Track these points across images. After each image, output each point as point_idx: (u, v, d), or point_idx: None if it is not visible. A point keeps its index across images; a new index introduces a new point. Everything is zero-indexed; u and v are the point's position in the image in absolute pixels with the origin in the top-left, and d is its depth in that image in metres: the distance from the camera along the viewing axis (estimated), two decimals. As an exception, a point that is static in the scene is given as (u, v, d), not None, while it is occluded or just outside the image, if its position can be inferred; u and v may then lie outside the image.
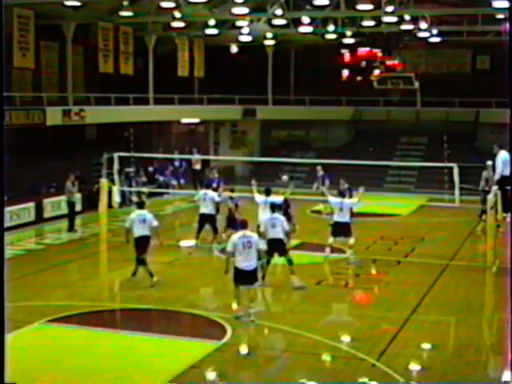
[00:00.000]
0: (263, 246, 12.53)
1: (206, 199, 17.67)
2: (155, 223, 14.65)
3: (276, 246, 13.97)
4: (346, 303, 14.02)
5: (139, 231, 14.34)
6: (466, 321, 12.31)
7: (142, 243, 14.36)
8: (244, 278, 11.83)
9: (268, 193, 16.35)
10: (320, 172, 22.90)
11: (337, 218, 16.03)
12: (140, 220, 14.45)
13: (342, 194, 16.66)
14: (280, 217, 14.15)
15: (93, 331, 11.54)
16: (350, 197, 18.10)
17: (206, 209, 17.64)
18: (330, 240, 16.09)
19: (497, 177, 16.21)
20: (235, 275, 11.89)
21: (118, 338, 11.30)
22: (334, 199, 16.43)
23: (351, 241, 16.07)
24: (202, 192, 18.20)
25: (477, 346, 11.07)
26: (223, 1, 28.05)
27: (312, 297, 13.90)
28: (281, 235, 13.92)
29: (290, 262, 14.07)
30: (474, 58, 34.85)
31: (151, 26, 29.80)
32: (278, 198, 16.53)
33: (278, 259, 14.41)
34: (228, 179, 30.19)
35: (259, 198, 16.39)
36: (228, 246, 12.07)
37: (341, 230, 15.93)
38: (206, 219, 17.65)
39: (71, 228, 20.56)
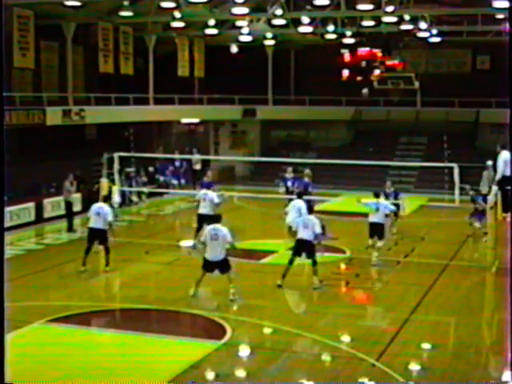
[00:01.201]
0: (232, 239, 12.99)
1: (206, 199, 17.68)
2: (110, 218, 15.18)
3: (304, 247, 14.00)
4: (346, 303, 14.01)
5: (91, 223, 15.17)
6: (466, 321, 12.32)
7: (91, 234, 15.16)
8: (209, 267, 12.92)
9: (299, 196, 17.15)
10: (290, 174, 22.17)
11: (372, 218, 16.26)
12: (95, 212, 15.16)
13: (376, 195, 16.63)
14: (314, 219, 14.14)
15: (93, 331, 11.54)
16: (395, 199, 18.43)
17: (205, 209, 17.61)
18: (370, 241, 16.37)
19: (498, 177, 16.19)
20: (202, 263, 13.04)
21: (118, 338, 11.29)
22: (370, 200, 16.58)
23: (379, 243, 16.26)
24: (202, 192, 18.24)
25: (477, 346, 11.08)
26: (223, 1, 28.04)
27: (312, 297, 13.90)
28: (311, 237, 13.93)
29: (314, 263, 14.02)
30: (474, 58, 34.84)
31: (151, 26, 29.79)
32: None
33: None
34: (228, 179, 30.35)
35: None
36: (201, 237, 13.24)
37: (375, 230, 16.17)
38: (204, 219, 17.63)
39: (70, 228, 20.53)
